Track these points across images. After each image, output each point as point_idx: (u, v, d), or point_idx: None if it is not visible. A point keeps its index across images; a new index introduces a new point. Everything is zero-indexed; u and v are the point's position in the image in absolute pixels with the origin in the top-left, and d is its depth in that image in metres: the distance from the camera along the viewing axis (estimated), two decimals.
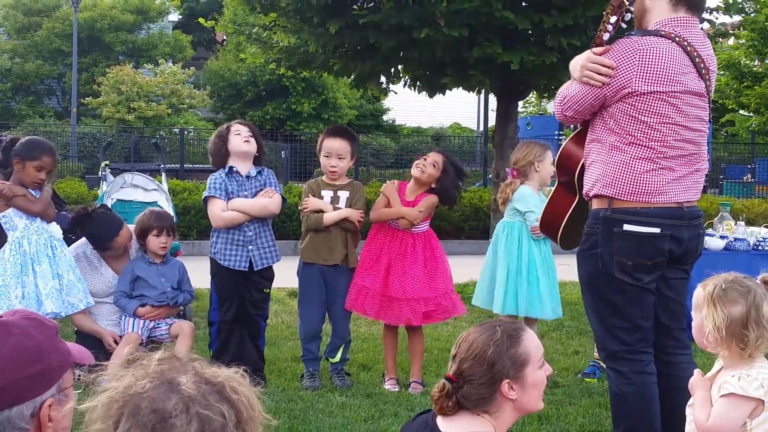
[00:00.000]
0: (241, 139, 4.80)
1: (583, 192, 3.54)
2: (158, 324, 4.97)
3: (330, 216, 4.90)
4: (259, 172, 4.89)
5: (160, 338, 4.96)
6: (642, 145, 3.30)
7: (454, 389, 2.26)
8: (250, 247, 4.83)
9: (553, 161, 4.94)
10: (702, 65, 3.32)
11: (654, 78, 3.23)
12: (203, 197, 4.87)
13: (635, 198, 3.32)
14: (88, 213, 5.06)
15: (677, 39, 3.27)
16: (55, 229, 4.77)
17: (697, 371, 2.71)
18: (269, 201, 4.82)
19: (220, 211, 4.77)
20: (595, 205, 3.44)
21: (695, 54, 3.30)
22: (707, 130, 3.48)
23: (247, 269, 4.84)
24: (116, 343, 4.92)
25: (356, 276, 4.95)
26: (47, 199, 4.71)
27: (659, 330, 3.50)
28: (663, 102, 3.25)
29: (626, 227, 3.32)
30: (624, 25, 3.31)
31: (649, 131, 3.28)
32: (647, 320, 3.44)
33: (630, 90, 3.24)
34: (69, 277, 4.67)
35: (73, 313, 4.76)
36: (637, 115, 3.27)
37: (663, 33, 3.29)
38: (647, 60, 3.23)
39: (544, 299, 5.23)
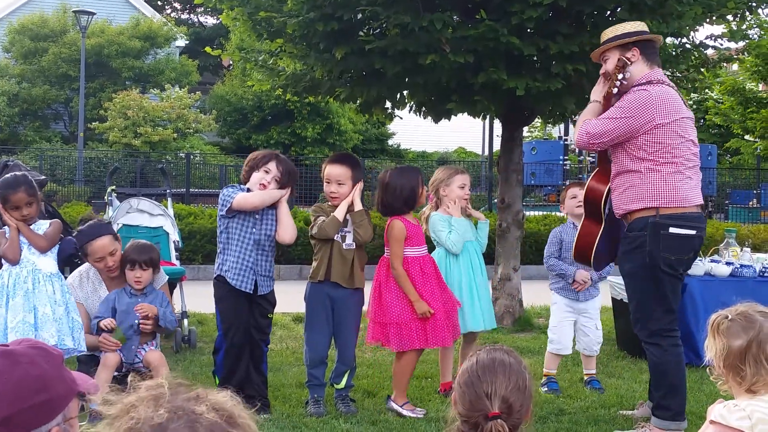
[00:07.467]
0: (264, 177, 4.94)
1: (617, 212, 4.48)
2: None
3: (342, 207, 4.94)
4: None
5: (137, 367, 4.88)
6: (671, 162, 4.29)
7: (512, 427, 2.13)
8: (255, 270, 4.88)
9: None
10: (683, 99, 4.47)
11: (669, 112, 4.31)
12: (227, 207, 4.83)
13: (676, 204, 4.29)
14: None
15: (667, 83, 4.44)
16: (46, 262, 4.70)
17: (719, 401, 2.68)
18: (272, 190, 4.91)
19: (247, 196, 4.82)
20: (640, 215, 4.34)
21: (678, 91, 4.47)
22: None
23: (251, 292, 4.87)
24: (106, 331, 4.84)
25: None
26: (51, 235, 4.75)
27: None
28: (678, 127, 4.32)
29: (671, 230, 4.27)
30: (622, 76, 4.41)
31: (674, 150, 4.30)
32: (677, 304, 4.47)
33: (655, 123, 4.29)
34: (44, 311, 4.55)
35: None
36: (662, 140, 4.30)
37: (657, 80, 4.39)
38: (661, 100, 4.32)
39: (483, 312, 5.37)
